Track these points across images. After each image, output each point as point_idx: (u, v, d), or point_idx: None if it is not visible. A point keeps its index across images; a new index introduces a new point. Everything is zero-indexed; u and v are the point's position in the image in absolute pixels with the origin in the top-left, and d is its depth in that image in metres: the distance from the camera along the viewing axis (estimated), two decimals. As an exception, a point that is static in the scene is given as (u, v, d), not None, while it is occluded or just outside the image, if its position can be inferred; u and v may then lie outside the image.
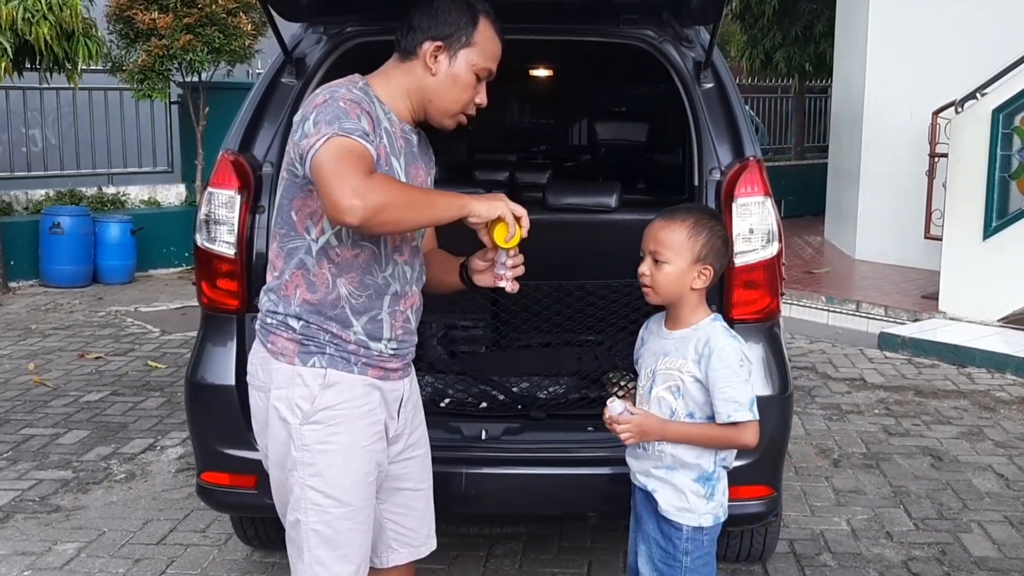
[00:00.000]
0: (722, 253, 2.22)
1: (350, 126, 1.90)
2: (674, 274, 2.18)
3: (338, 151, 1.86)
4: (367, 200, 1.81)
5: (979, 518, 3.73)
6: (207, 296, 2.78)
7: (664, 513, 2.24)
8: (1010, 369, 5.70)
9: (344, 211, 1.81)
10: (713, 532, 2.26)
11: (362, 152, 1.88)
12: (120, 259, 8.31)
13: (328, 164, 1.85)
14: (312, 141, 1.89)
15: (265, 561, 3.34)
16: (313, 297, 2.04)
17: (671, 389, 2.20)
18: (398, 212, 1.88)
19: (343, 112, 1.92)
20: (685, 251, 2.17)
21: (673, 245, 2.17)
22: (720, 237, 2.22)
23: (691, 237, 2.17)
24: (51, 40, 6.77)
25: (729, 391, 2.13)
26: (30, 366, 5.72)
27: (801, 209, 11.29)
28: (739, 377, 2.14)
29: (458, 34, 2.08)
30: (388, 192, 1.86)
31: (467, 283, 2.29)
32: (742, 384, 2.14)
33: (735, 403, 2.13)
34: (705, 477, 2.22)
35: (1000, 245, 6.41)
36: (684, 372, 2.18)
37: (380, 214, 1.83)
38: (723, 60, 3.08)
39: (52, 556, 3.37)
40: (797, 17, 12.36)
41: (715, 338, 2.17)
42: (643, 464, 2.28)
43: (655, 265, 2.18)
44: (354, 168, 1.84)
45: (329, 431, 2.03)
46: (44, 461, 4.25)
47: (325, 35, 2.96)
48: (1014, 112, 6.30)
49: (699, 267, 2.19)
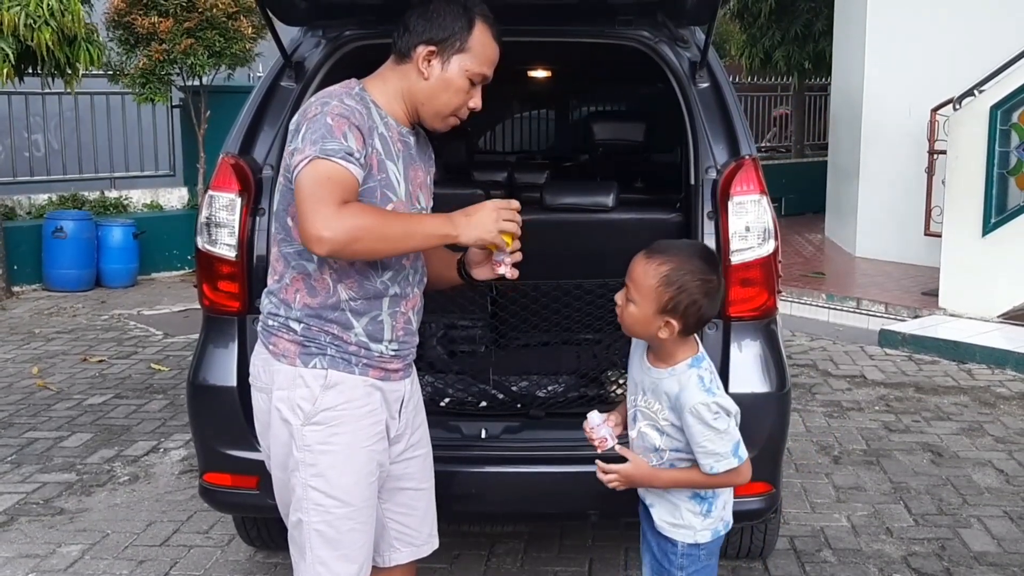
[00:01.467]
0: (700, 309, 2.03)
1: (333, 147, 1.90)
2: (638, 318, 2.05)
3: (316, 177, 1.88)
4: (336, 233, 1.85)
5: (979, 513, 3.74)
6: (208, 298, 2.80)
7: (659, 528, 2.19)
8: (1010, 365, 5.71)
9: (313, 241, 1.86)
10: (712, 546, 2.20)
11: (341, 178, 1.89)
12: (123, 263, 8.34)
13: (305, 189, 1.88)
14: (297, 159, 1.92)
15: (268, 562, 3.36)
16: (314, 301, 2.05)
17: (653, 427, 2.14)
18: (371, 244, 1.91)
19: (329, 131, 1.92)
20: (651, 298, 2.02)
21: (641, 288, 2.03)
22: (703, 294, 2.03)
23: (660, 286, 2.01)
24: (53, 45, 6.80)
25: (708, 445, 2.04)
26: (34, 370, 5.74)
27: (801, 207, 11.30)
28: (716, 431, 2.03)
29: (452, 39, 2.06)
30: (362, 225, 1.88)
31: (465, 279, 2.31)
32: (719, 436, 2.04)
33: (715, 455, 2.04)
34: (701, 496, 2.16)
35: (999, 241, 6.42)
36: (660, 417, 2.11)
37: (351, 245, 1.88)
38: (718, 60, 3.10)
39: (56, 558, 3.39)
40: (796, 16, 12.38)
41: (686, 394, 2.04)
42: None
43: (625, 302, 2.07)
44: (329, 197, 1.86)
45: (330, 431, 2.05)
46: (48, 464, 4.27)
47: (324, 39, 2.98)
48: (1012, 108, 6.31)
49: (664, 318, 2.02)
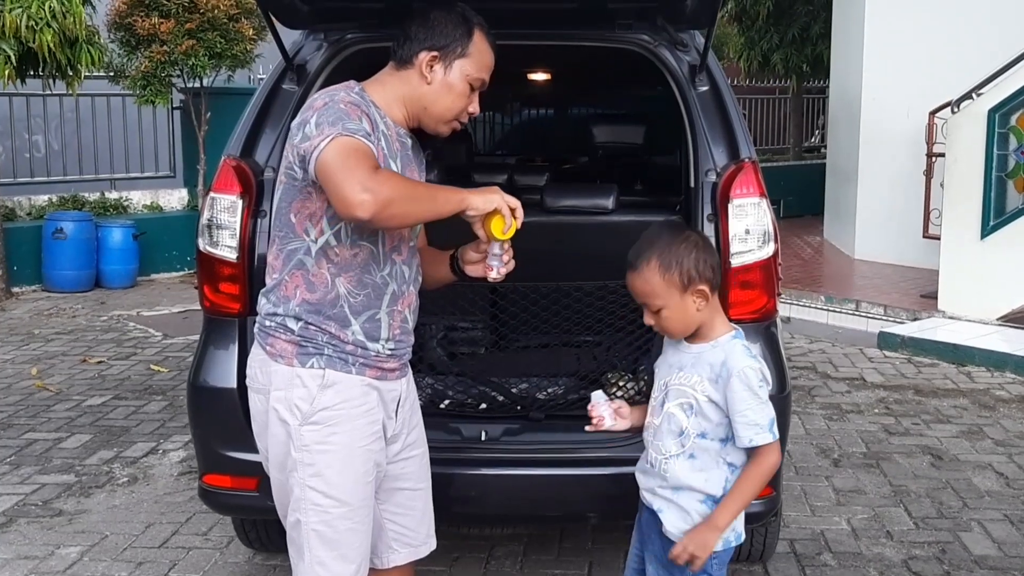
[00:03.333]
0: (705, 261, 2.08)
1: (353, 126, 1.96)
2: (675, 314, 2.08)
3: (344, 149, 1.92)
4: (377, 194, 1.88)
5: (979, 516, 3.74)
6: (209, 300, 2.81)
7: (669, 535, 2.13)
8: (1009, 367, 5.71)
9: (355, 205, 1.87)
10: (723, 556, 2.14)
11: (367, 150, 1.95)
12: (123, 264, 8.34)
13: (335, 162, 1.91)
14: (316, 142, 1.94)
15: (267, 564, 3.36)
16: (312, 297, 2.07)
17: (683, 407, 2.11)
18: (405, 205, 1.95)
19: (344, 114, 1.98)
20: (669, 289, 2.07)
21: (655, 291, 2.07)
22: (693, 248, 2.08)
23: (664, 274, 2.06)
24: (54, 47, 6.80)
25: (750, 414, 2.04)
26: (33, 371, 5.74)
27: (801, 209, 11.31)
28: (759, 400, 2.05)
29: (453, 45, 2.14)
30: (395, 186, 1.93)
31: (458, 274, 2.33)
32: (760, 407, 2.05)
33: (756, 426, 2.04)
34: (714, 500, 2.10)
35: (998, 243, 6.43)
36: (698, 391, 2.09)
37: (389, 207, 1.90)
38: (718, 63, 3.11)
39: (55, 560, 3.39)
40: (794, 19, 12.40)
41: (734, 358, 2.07)
42: (649, 482, 2.19)
43: (655, 315, 2.11)
44: (361, 164, 1.91)
45: (328, 431, 2.06)
46: (47, 465, 4.27)
47: (325, 42, 2.99)
48: (1010, 111, 6.32)
49: (691, 293, 2.08)
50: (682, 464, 2.11)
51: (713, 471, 2.10)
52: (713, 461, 2.10)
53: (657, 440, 2.15)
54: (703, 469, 2.10)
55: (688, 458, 2.10)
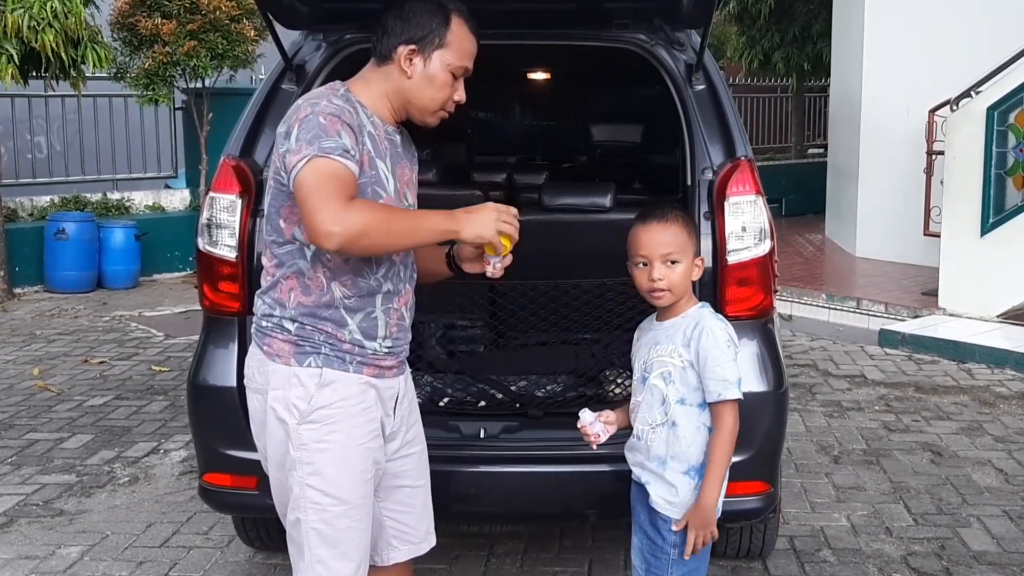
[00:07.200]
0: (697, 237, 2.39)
1: (330, 145, 1.94)
2: (685, 271, 2.28)
3: (319, 175, 1.91)
4: (346, 227, 1.88)
5: (978, 513, 3.75)
6: (209, 299, 2.82)
7: (654, 505, 2.28)
8: (1009, 364, 5.72)
9: (322, 236, 1.89)
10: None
11: (343, 175, 1.93)
12: (125, 264, 8.35)
13: (309, 188, 1.90)
14: (294, 160, 1.94)
15: (267, 563, 3.37)
16: (308, 300, 2.07)
17: (663, 376, 2.27)
18: (378, 239, 1.95)
19: (323, 129, 1.95)
20: (688, 247, 2.29)
21: (681, 244, 2.27)
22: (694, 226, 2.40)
23: (690, 234, 2.31)
24: (57, 47, 6.81)
25: (718, 370, 2.20)
26: (35, 371, 5.76)
27: (802, 208, 11.31)
28: (727, 356, 2.21)
29: (431, 36, 2.11)
30: (369, 220, 1.92)
31: (455, 271, 2.34)
32: (730, 363, 2.21)
33: (724, 381, 2.20)
34: (696, 469, 2.25)
35: (998, 241, 6.43)
36: (675, 358, 2.25)
37: (360, 240, 1.91)
38: (714, 62, 3.12)
39: (56, 560, 3.40)
40: (794, 18, 12.41)
41: (704, 321, 2.26)
42: (637, 456, 2.34)
43: (669, 267, 2.26)
44: (335, 194, 1.89)
45: (326, 430, 2.07)
46: (48, 465, 4.29)
47: (324, 42, 2.99)
48: (1009, 109, 6.32)
49: (697, 259, 2.32)
50: (666, 432, 2.26)
51: (695, 437, 2.25)
52: (694, 427, 2.25)
53: (642, 413, 2.29)
54: (685, 436, 2.25)
55: (671, 426, 2.25)
